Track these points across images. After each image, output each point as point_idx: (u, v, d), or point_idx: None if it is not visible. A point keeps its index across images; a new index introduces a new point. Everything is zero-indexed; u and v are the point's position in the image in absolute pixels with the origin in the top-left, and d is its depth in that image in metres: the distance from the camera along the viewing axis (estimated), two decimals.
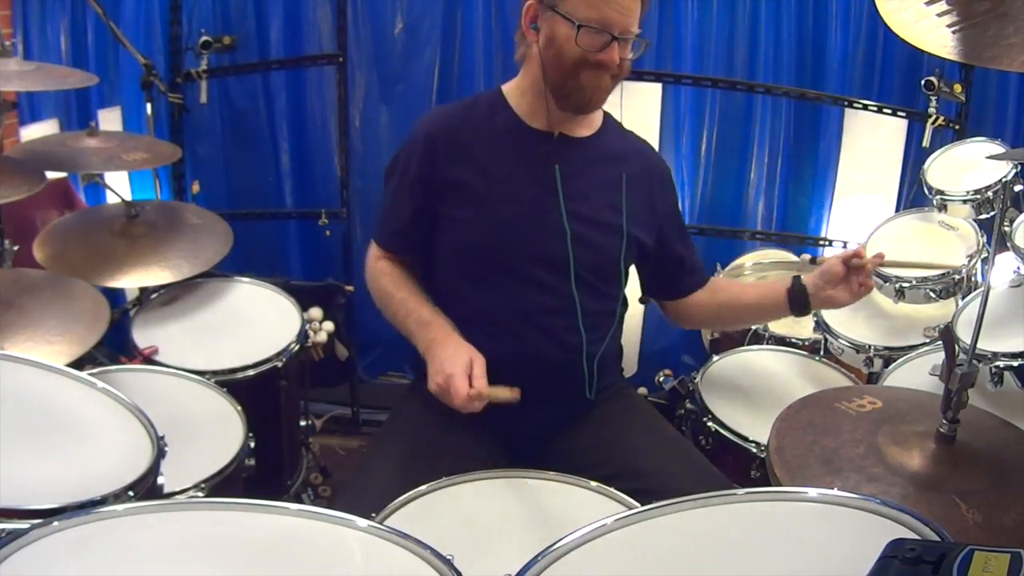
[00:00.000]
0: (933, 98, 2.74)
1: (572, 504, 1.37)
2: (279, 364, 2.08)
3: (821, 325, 2.16)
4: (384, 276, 1.68)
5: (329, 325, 2.67)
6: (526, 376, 1.58)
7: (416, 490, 1.35)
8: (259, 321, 2.22)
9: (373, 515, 1.26)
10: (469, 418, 1.57)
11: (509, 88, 1.66)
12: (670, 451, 1.61)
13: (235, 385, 1.96)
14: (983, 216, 2.19)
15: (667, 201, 1.76)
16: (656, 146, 1.89)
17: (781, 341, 2.36)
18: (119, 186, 2.71)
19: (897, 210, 2.90)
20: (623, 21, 1.46)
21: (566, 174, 1.58)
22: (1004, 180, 2.15)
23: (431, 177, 1.60)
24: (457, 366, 1.43)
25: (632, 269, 1.78)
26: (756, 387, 2.02)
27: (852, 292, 1.66)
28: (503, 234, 1.58)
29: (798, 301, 1.70)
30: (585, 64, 1.49)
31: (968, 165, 2.31)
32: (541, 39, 1.53)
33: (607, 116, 1.73)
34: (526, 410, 1.62)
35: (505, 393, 1.43)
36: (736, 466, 1.82)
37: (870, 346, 2.04)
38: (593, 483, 1.40)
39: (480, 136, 1.61)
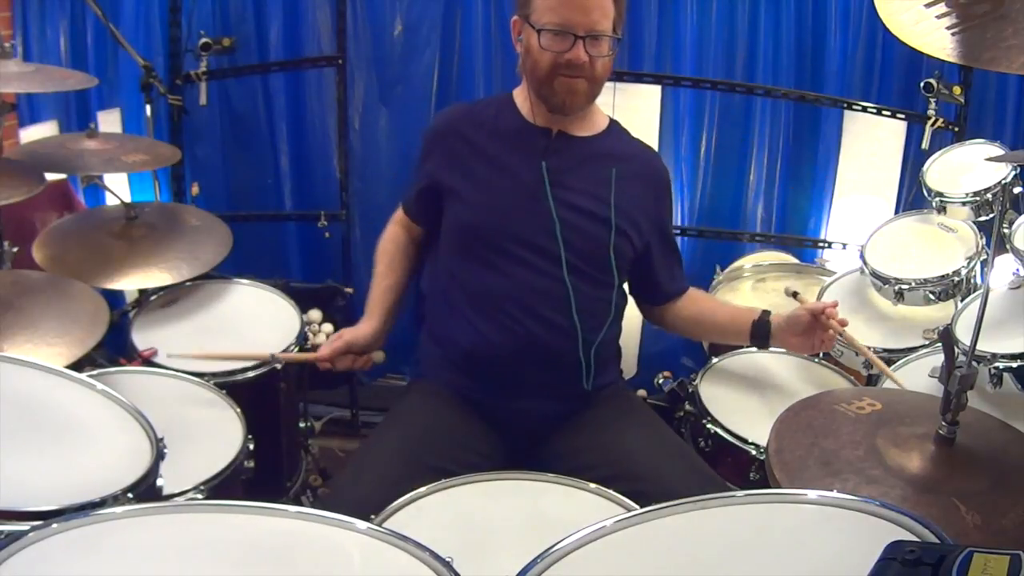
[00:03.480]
0: (932, 100, 2.74)
1: (571, 506, 1.37)
2: (278, 366, 2.07)
3: None
4: (383, 243, 1.91)
5: (328, 327, 2.67)
6: (523, 362, 1.64)
7: (415, 492, 1.35)
8: (258, 323, 2.22)
9: (372, 517, 1.26)
10: (467, 412, 1.60)
11: (517, 92, 1.77)
12: (669, 454, 1.62)
13: (234, 387, 1.95)
14: (982, 218, 2.19)
15: (660, 207, 1.81)
16: (655, 149, 1.93)
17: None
18: (118, 188, 2.71)
19: (896, 212, 2.91)
20: (585, 21, 1.53)
21: (559, 166, 1.67)
22: (1003, 182, 2.15)
23: (438, 167, 1.73)
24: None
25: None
26: (755, 389, 2.02)
27: (812, 347, 1.75)
28: (498, 217, 1.66)
29: (760, 336, 1.77)
30: (556, 70, 1.58)
31: (967, 167, 2.31)
32: (522, 50, 1.65)
33: (613, 122, 1.80)
34: (523, 401, 1.65)
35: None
36: (735, 468, 1.82)
37: (869, 348, 2.04)
38: (592, 485, 1.40)
39: (484, 131, 1.72)
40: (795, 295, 2.04)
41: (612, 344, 1.79)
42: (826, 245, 3.09)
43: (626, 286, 1.83)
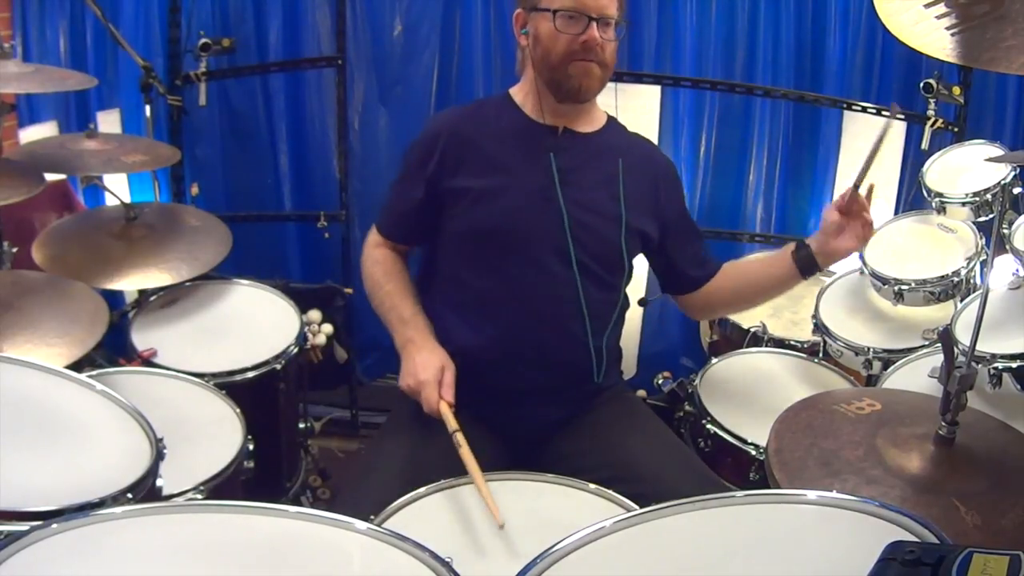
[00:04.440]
0: (932, 101, 2.74)
1: (571, 507, 1.37)
2: (278, 366, 2.08)
3: (820, 327, 2.16)
4: (377, 265, 1.76)
5: (328, 327, 2.67)
6: (530, 368, 1.63)
7: (415, 492, 1.35)
8: (258, 323, 2.22)
9: (372, 517, 1.26)
10: (470, 416, 1.59)
11: (515, 91, 1.75)
12: (669, 456, 1.62)
13: (234, 387, 1.96)
14: (982, 218, 2.19)
15: (673, 197, 1.79)
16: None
17: (780, 343, 2.36)
18: (118, 188, 2.71)
19: (896, 212, 2.90)
20: (597, 5, 1.55)
21: (567, 164, 1.64)
22: (1003, 183, 2.15)
23: (438, 173, 1.67)
24: (429, 373, 1.54)
25: (646, 268, 1.80)
26: (755, 389, 2.02)
27: (857, 236, 1.65)
28: (506, 221, 1.63)
29: (805, 262, 1.70)
30: (571, 55, 1.57)
31: (967, 168, 2.31)
32: (530, 40, 1.63)
33: (611, 118, 1.79)
34: (527, 407, 1.65)
35: (452, 421, 1.47)
36: (735, 468, 1.82)
37: (869, 348, 2.04)
38: (592, 486, 1.40)
39: (487, 132, 1.69)
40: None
41: (615, 347, 1.78)
42: None
43: (628, 289, 1.81)
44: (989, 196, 2.18)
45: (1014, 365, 1.59)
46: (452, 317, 1.67)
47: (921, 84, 2.71)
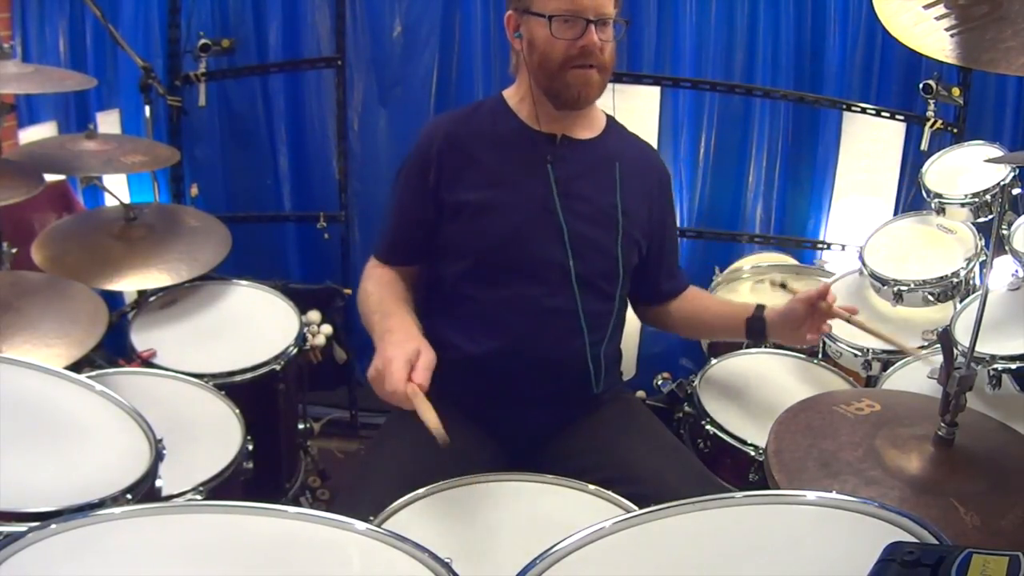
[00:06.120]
0: (931, 101, 2.75)
1: (570, 507, 1.37)
2: (277, 367, 2.08)
3: None
4: (370, 280, 1.68)
5: (327, 328, 2.68)
6: (530, 377, 1.61)
7: (414, 493, 1.35)
8: (257, 324, 2.22)
9: (371, 518, 1.26)
10: (468, 420, 1.58)
11: (509, 93, 1.70)
12: (668, 456, 1.61)
13: (233, 388, 1.96)
14: (981, 219, 2.19)
15: (663, 208, 1.77)
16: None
17: (780, 344, 2.36)
18: (117, 189, 2.70)
19: (895, 213, 2.91)
20: (594, 5, 1.49)
21: (565, 175, 1.61)
22: (1002, 183, 2.15)
23: (438, 184, 1.62)
24: (400, 352, 1.34)
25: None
26: (754, 390, 2.02)
27: (805, 339, 1.68)
28: (506, 236, 1.59)
29: (755, 331, 1.72)
30: (569, 61, 1.52)
31: (966, 168, 2.32)
32: (524, 45, 1.57)
33: (610, 119, 1.75)
34: (527, 412, 1.64)
35: (433, 419, 1.23)
36: (734, 469, 1.82)
37: (868, 349, 2.04)
38: (591, 487, 1.40)
39: (484, 140, 1.64)
40: (783, 286, 1.98)
41: (614, 353, 1.77)
42: (825, 246, 3.09)
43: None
44: (988, 197, 2.18)
45: (1013, 366, 1.59)
46: (451, 328, 1.64)
47: (920, 85, 2.72)
